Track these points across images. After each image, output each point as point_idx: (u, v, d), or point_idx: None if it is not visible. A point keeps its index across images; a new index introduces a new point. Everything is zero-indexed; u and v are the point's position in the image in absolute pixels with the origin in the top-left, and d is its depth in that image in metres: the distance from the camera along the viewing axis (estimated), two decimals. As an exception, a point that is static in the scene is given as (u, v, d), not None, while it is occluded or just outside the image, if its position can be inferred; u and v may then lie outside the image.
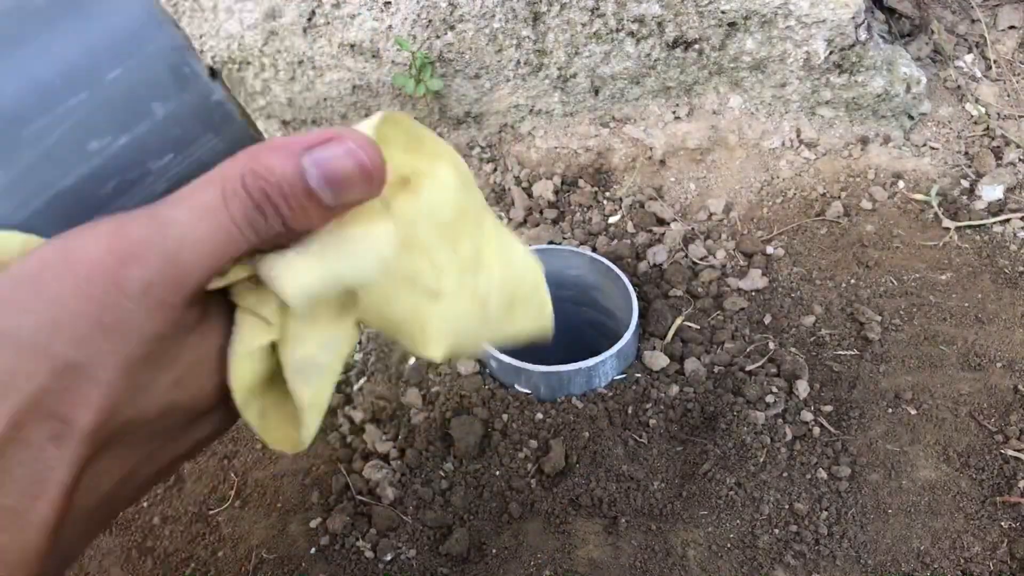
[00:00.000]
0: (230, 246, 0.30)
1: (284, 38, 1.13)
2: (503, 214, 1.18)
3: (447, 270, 0.35)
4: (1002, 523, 0.85)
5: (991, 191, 1.16)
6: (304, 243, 0.32)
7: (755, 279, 1.08)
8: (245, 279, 0.32)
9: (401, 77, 1.14)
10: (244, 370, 0.32)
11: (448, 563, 0.84)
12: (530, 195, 1.19)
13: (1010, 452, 0.90)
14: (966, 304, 1.04)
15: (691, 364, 0.98)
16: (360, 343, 1.03)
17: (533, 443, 0.92)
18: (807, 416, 0.94)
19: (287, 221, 0.30)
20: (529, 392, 0.95)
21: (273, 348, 0.33)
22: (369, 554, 0.85)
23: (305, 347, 0.33)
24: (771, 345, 1.01)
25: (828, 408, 0.95)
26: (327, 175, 0.30)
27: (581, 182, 1.21)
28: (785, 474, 0.89)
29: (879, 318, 1.03)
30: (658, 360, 0.99)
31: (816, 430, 0.93)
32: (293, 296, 0.31)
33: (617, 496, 0.88)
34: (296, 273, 0.31)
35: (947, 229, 1.13)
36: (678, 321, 1.02)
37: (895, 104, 1.20)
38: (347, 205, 0.31)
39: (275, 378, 0.34)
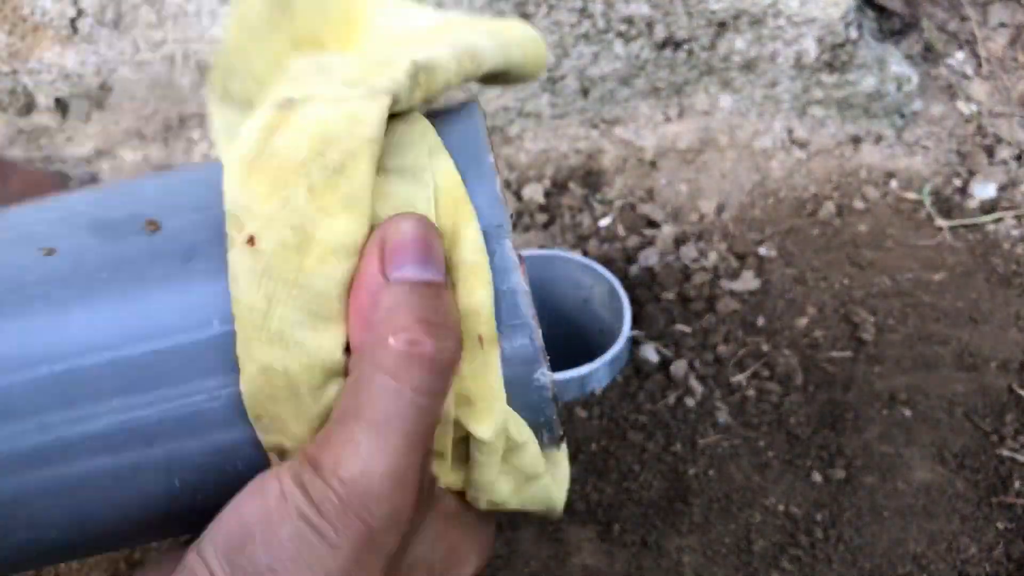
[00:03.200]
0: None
1: (270, 42, 1.12)
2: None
3: None
4: (998, 524, 0.84)
5: (983, 189, 1.16)
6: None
7: (748, 281, 1.07)
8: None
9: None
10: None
11: (440, 572, 0.84)
12: (520, 198, 1.18)
13: (1005, 453, 0.89)
14: (960, 304, 1.04)
15: (684, 367, 0.97)
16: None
17: (525, 449, 0.91)
18: (801, 418, 0.93)
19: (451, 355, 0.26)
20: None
21: None
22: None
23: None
24: (764, 347, 1.00)
25: (822, 410, 0.94)
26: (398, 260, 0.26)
27: (571, 184, 1.20)
28: (780, 477, 0.88)
29: (873, 319, 1.02)
30: (650, 364, 0.98)
31: (810, 432, 0.92)
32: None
33: (611, 502, 0.87)
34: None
35: (940, 228, 1.13)
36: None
37: (886, 103, 1.20)
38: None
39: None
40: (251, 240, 0.25)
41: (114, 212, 0.28)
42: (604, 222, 1.16)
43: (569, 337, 1.09)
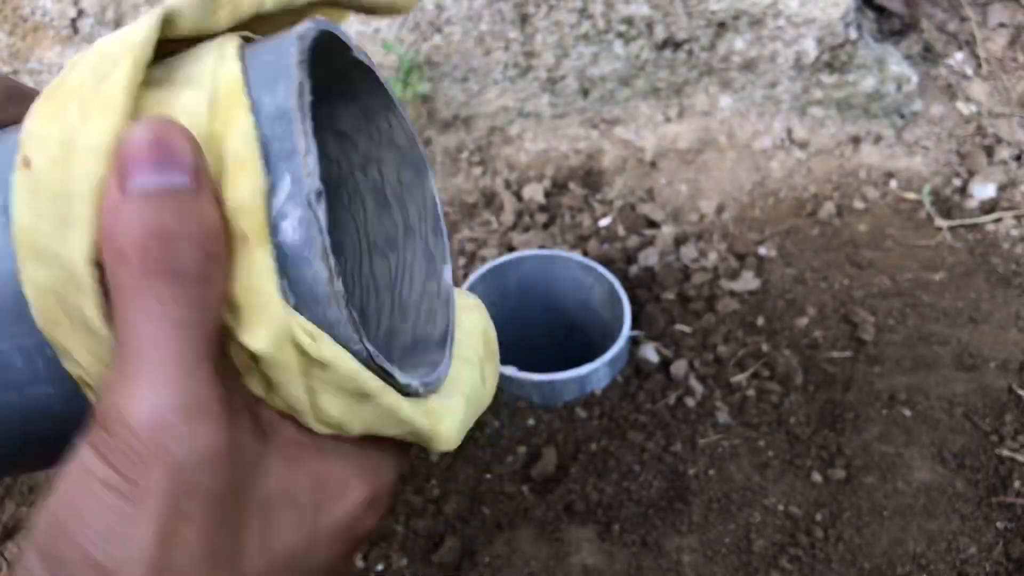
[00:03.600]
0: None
1: (270, 42, 1.12)
2: (493, 218, 1.17)
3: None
4: (998, 524, 0.84)
5: (983, 189, 1.16)
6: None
7: (747, 281, 1.08)
8: None
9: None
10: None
11: (440, 572, 0.84)
12: (520, 198, 1.18)
13: (1005, 452, 0.89)
14: (959, 304, 1.04)
15: (684, 367, 0.97)
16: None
17: (525, 449, 0.91)
18: (801, 418, 0.93)
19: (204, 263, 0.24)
20: (521, 398, 0.94)
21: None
22: (360, 563, 0.84)
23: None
24: (764, 347, 1.00)
25: (822, 410, 0.94)
26: (123, 169, 0.24)
27: (571, 184, 1.20)
28: (779, 477, 0.89)
29: (873, 319, 1.02)
30: (650, 364, 0.98)
31: (810, 432, 0.92)
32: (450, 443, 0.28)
33: (611, 502, 0.87)
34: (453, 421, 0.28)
35: (939, 228, 1.13)
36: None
37: (886, 103, 1.20)
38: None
39: None
40: (26, 161, 0.25)
41: None
42: (604, 222, 1.16)
43: (569, 337, 1.09)
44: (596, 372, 0.92)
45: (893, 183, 1.18)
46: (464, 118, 1.21)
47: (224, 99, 0.25)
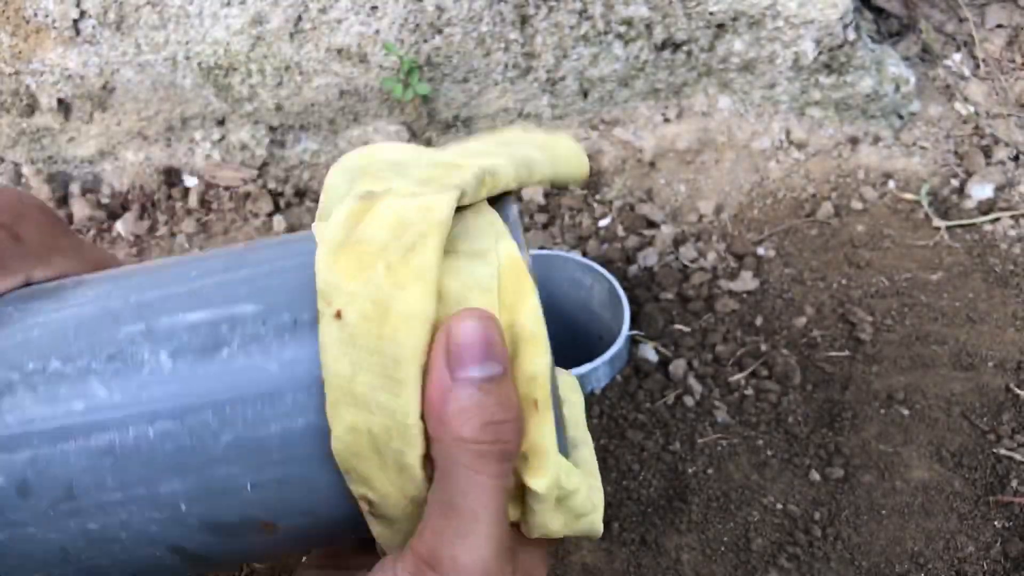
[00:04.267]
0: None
1: (271, 43, 1.12)
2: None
3: None
4: (996, 522, 0.85)
5: (981, 190, 1.16)
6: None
7: (746, 281, 1.08)
8: None
9: (389, 81, 1.13)
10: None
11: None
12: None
13: (1003, 451, 0.90)
14: (957, 303, 1.04)
15: (683, 367, 0.98)
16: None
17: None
18: (799, 417, 0.94)
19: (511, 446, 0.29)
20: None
21: None
22: (361, 562, 0.84)
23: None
24: (763, 347, 1.00)
25: (820, 409, 0.95)
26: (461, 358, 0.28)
27: (571, 185, 1.20)
28: (778, 476, 0.89)
29: (871, 318, 1.03)
30: (650, 364, 0.98)
31: (808, 431, 0.92)
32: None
33: (610, 501, 0.87)
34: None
35: (937, 228, 1.13)
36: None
37: (884, 104, 1.20)
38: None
39: None
40: (338, 314, 0.28)
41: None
42: (604, 222, 1.16)
43: (569, 337, 1.09)
44: (596, 372, 0.93)
45: (891, 183, 1.19)
46: (464, 119, 1.22)
47: (510, 276, 0.30)
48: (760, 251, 1.12)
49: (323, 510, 0.30)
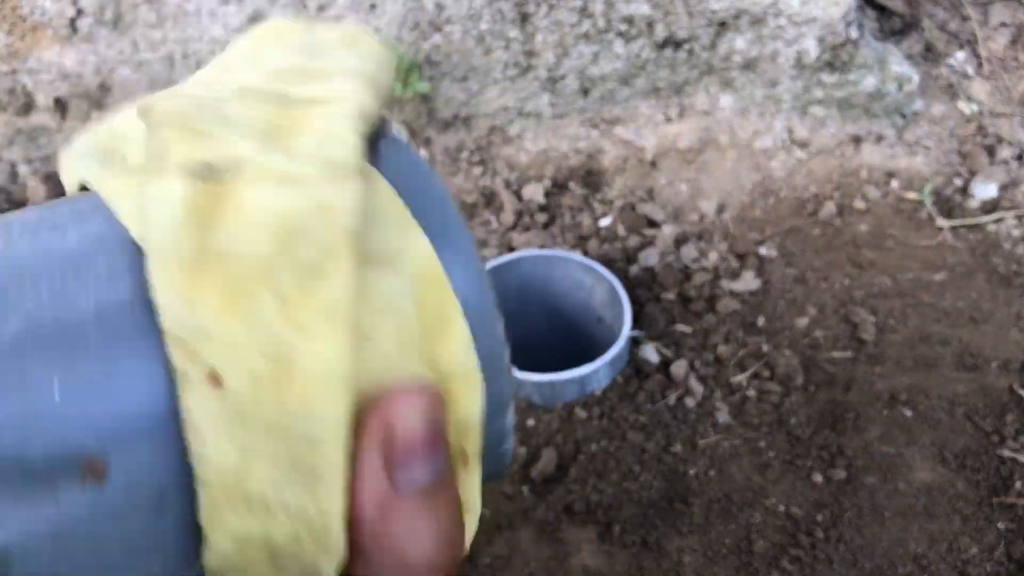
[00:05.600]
0: None
1: (270, 42, 1.12)
2: (493, 218, 1.17)
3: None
4: (999, 524, 0.84)
5: (984, 189, 1.15)
6: None
7: (748, 281, 1.07)
8: None
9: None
10: None
11: (440, 573, 0.83)
12: (520, 198, 1.18)
13: (1006, 453, 0.89)
14: (960, 304, 1.04)
15: (684, 367, 0.97)
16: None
17: (525, 450, 0.91)
18: (802, 418, 0.93)
19: None
20: (522, 399, 0.94)
21: None
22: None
23: None
24: (765, 347, 1.00)
25: (823, 410, 0.94)
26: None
27: (571, 184, 1.20)
28: (780, 477, 0.88)
29: (873, 319, 1.02)
30: (651, 364, 0.98)
31: (810, 433, 0.92)
32: None
33: (611, 503, 0.87)
34: None
35: (940, 228, 1.12)
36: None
37: (887, 102, 1.20)
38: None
39: None
40: (213, 377, 0.19)
41: None
42: (604, 222, 1.16)
43: (569, 337, 1.09)
44: (596, 372, 0.92)
45: (894, 183, 1.18)
46: (464, 118, 1.21)
47: (428, 290, 0.21)
48: (762, 251, 1.11)
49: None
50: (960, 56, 1.31)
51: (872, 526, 0.85)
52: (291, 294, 0.19)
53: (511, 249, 1.11)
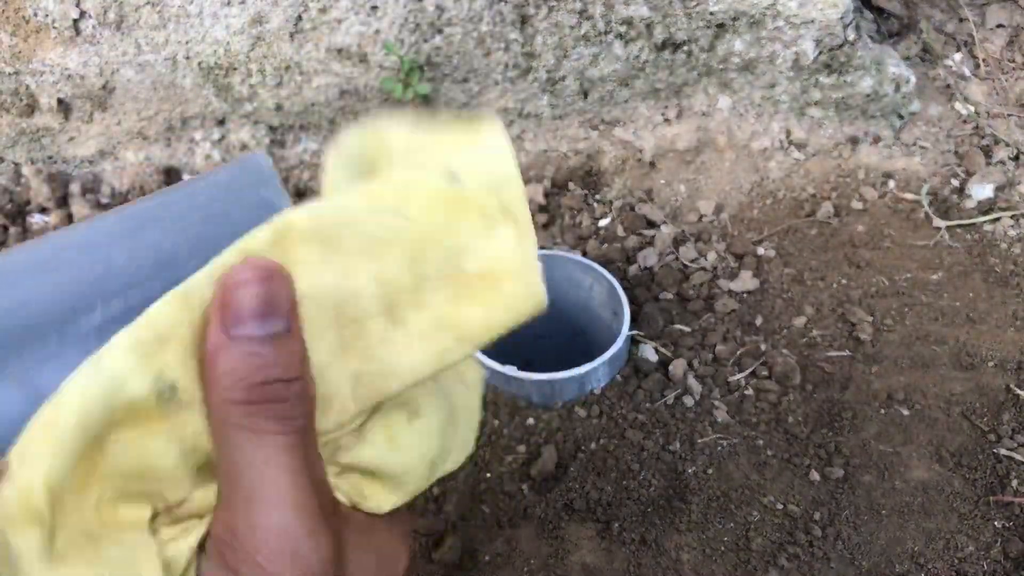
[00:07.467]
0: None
1: (271, 43, 1.12)
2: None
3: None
4: (995, 523, 0.85)
5: (981, 190, 1.16)
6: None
7: (746, 280, 1.08)
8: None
9: (389, 81, 1.13)
10: None
11: (441, 570, 0.84)
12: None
13: (1003, 451, 0.90)
14: (957, 303, 1.04)
15: (683, 366, 0.98)
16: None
17: (524, 448, 0.92)
18: (799, 417, 0.94)
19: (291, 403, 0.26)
20: (521, 398, 0.94)
21: None
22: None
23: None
24: (762, 347, 1.00)
25: (820, 409, 0.95)
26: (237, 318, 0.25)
27: (571, 185, 1.20)
28: (778, 476, 0.89)
29: (870, 318, 1.03)
30: (649, 364, 0.98)
31: (808, 431, 0.92)
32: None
33: (610, 501, 0.87)
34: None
35: (937, 228, 1.13)
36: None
37: (884, 104, 1.20)
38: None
39: None
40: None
41: None
42: (604, 222, 1.16)
43: (569, 337, 1.09)
44: (595, 371, 0.93)
45: (891, 183, 1.19)
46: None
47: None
48: (760, 251, 1.12)
49: None
50: (957, 57, 1.32)
51: (869, 524, 0.85)
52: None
53: (511, 249, 1.11)
